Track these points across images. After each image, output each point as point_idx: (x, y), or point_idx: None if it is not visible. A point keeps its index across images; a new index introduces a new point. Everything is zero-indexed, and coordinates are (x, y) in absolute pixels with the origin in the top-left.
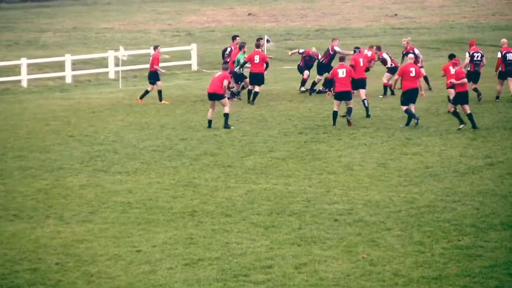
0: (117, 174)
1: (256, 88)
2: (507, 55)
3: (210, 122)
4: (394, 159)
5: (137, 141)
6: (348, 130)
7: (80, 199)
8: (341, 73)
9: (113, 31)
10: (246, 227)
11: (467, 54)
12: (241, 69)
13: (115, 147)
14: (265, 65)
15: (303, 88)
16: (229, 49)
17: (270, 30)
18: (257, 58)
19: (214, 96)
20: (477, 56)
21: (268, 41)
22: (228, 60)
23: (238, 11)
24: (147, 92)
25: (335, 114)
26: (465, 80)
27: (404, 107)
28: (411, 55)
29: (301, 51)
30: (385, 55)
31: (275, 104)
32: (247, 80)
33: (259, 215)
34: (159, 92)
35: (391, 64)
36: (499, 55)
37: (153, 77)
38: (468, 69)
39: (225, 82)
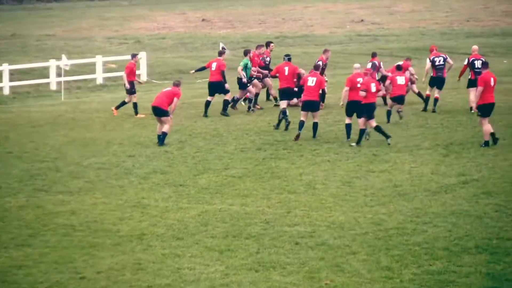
0: (59, 194)
1: (227, 96)
2: (475, 62)
3: (159, 137)
4: (360, 177)
5: (81, 158)
6: (311, 146)
7: (19, 221)
8: (311, 81)
9: (55, 39)
10: (200, 251)
11: (427, 60)
12: (246, 76)
13: (57, 165)
14: (222, 73)
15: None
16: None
17: (226, 37)
18: (214, 66)
19: (157, 111)
20: (439, 61)
21: (223, 49)
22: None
23: (191, 16)
24: (135, 105)
25: (301, 123)
26: (363, 93)
27: (348, 119)
28: (356, 65)
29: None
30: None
31: (231, 118)
32: (250, 88)
33: (213, 238)
34: (123, 103)
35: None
36: (466, 61)
37: (132, 86)
38: (431, 75)
39: (175, 101)
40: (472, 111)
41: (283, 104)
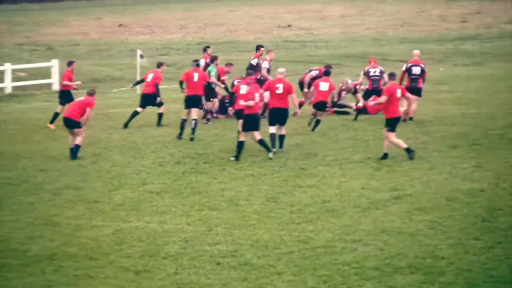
0: None
1: (161, 109)
2: (413, 68)
3: (72, 150)
4: (286, 193)
5: None
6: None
7: None
8: (243, 89)
9: None
10: (114, 272)
11: (362, 72)
12: (212, 84)
13: None
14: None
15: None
16: (201, 62)
17: (144, 43)
18: (149, 77)
19: (69, 122)
20: (374, 72)
21: (141, 56)
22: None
23: (107, 21)
24: (56, 114)
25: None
26: (252, 102)
27: (271, 129)
28: (280, 69)
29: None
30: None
31: (149, 129)
32: (216, 100)
33: (129, 258)
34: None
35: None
36: (404, 67)
37: (65, 96)
38: (367, 87)
39: (88, 111)
40: (410, 120)
41: (186, 113)
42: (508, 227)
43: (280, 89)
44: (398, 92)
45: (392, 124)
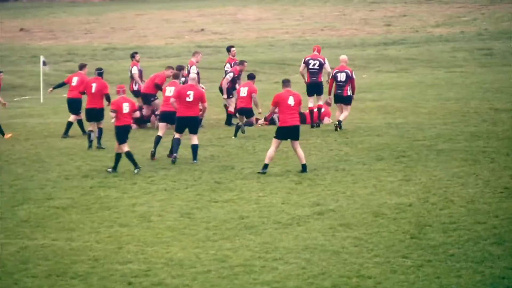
0: None
1: (71, 118)
2: (338, 75)
3: None
4: (201, 208)
5: None
6: (145, 172)
7: None
8: (168, 91)
9: None
10: None
11: (302, 61)
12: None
13: None
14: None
15: None
16: (133, 70)
17: (47, 49)
18: (75, 80)
19: None
20: (313, 64)
21: (44, 63)
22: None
23: (7, 26)
24: None
25: (156, 139)
26: (113, 114)
27: (176, 135)
28: (192, 75)
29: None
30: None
31: (54, 141)
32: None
33: (34, 278)
34: None
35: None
36: (330, 75)
37: None
38: (306, 80)
39: None
40: (338, 130)
41: (91, 125)
42: (438, 244)
43: (190, 96)
44: (291, 100)
45: (280, 133)
